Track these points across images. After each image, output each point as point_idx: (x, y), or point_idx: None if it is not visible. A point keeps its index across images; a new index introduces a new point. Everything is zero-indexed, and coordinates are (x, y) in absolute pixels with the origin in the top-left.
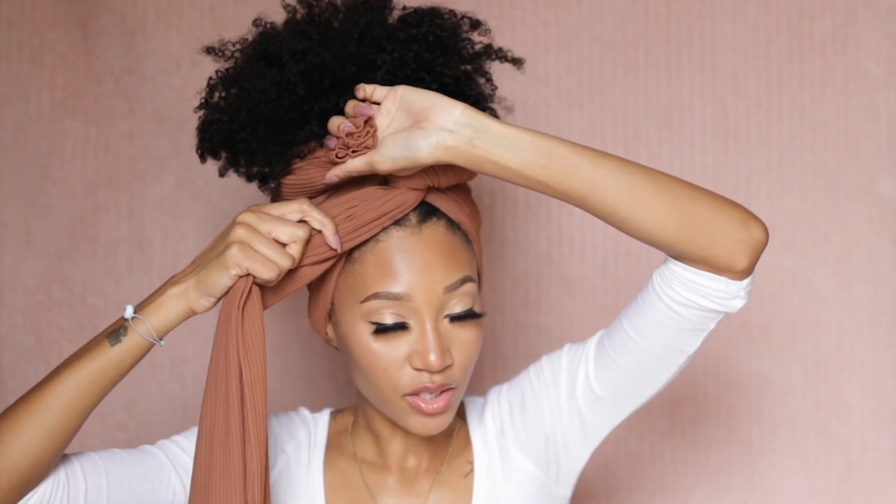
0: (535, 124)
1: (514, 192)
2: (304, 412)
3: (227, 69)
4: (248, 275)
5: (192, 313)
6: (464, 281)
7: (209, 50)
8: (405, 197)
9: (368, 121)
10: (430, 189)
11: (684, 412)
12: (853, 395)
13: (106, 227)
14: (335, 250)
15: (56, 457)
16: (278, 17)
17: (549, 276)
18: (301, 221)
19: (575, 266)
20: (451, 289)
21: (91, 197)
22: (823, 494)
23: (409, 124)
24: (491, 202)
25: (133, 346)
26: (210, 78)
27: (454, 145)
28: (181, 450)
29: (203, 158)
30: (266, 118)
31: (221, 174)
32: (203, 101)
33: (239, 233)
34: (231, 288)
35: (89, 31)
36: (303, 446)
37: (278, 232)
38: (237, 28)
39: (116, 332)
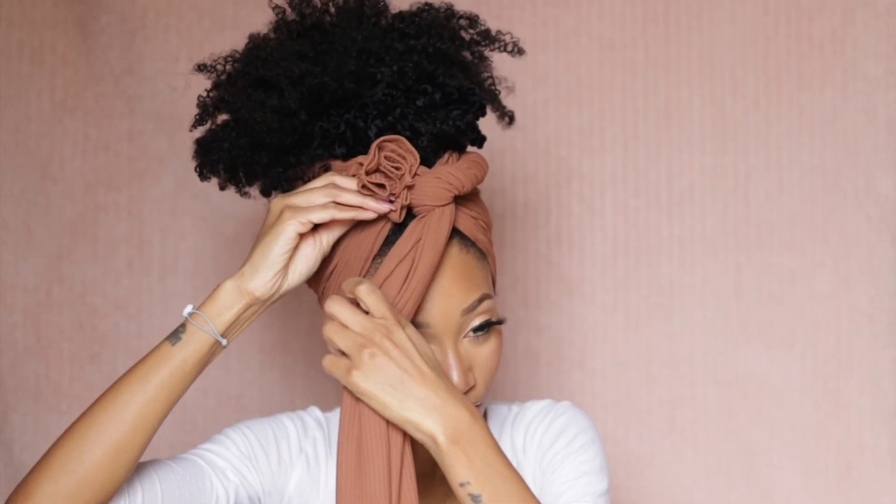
0: (533, 124)
1: (513, 191)
2: (316, 412)
3: (221, 92)
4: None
5: (251, 297)
6: (480, 300)
7: (201, 67)
8: (444, 217)
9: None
10: (455, 198)
11: (683, 412)
12: (852, 394)
13: (106, 227)
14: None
15: (130, 471)
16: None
17: (548, 276)
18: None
19: (574, 266)
20: (469, 310)
21: (91, 197)
22: (822, 494)
23: None
24: (490, 202)
25: (194, 343)
26: (200, 96)
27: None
28: (215, 454)
29: (203, 177)
30: (268, 146)
31: (222, 188)
32: (197, 118)
33: (282, 203)
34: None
35: (89, 31)
36: (319, 445)
37: (314, 196)
38: (237, 28)
39: (176, 332)
